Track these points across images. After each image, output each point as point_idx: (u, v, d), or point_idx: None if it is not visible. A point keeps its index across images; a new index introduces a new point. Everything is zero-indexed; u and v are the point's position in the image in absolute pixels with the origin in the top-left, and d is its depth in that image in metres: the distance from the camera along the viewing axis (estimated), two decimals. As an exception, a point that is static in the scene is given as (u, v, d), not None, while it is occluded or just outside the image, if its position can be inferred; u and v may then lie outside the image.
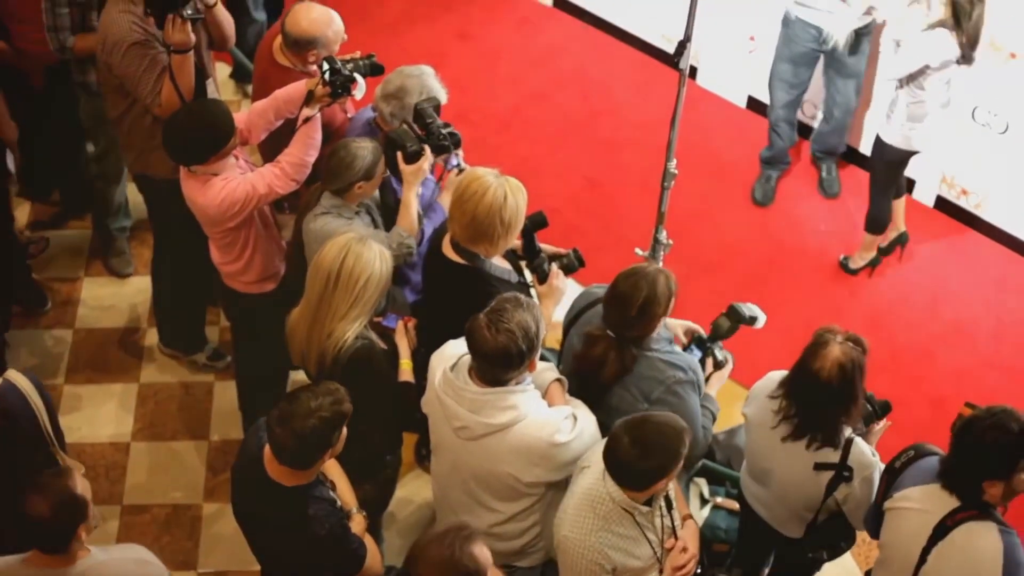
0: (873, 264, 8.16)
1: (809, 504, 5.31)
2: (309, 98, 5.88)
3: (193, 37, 6.11)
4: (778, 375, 5.33)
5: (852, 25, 7.72)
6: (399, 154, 5.86)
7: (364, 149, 5.84)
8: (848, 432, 5.15)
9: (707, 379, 5.55)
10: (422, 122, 6.00)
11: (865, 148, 8.46)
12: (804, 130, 8.69)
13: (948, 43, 6.98)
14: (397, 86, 6.16)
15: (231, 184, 5.80)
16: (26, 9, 6.95)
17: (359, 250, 5.20)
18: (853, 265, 8.17)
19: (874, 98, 8.31)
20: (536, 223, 5.73)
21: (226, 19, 6.62)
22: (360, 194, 5.91)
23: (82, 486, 4.67)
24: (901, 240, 8.14)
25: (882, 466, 5.21)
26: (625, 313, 5.09)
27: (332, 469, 5.11)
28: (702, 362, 5.56)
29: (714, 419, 5.53)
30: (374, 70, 6.01)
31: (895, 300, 7.96)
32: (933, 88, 7.20)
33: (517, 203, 5.41)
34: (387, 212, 6.19)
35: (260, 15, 8.74)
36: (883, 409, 5.42)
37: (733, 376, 5.70)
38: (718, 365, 5.61)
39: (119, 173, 7.54)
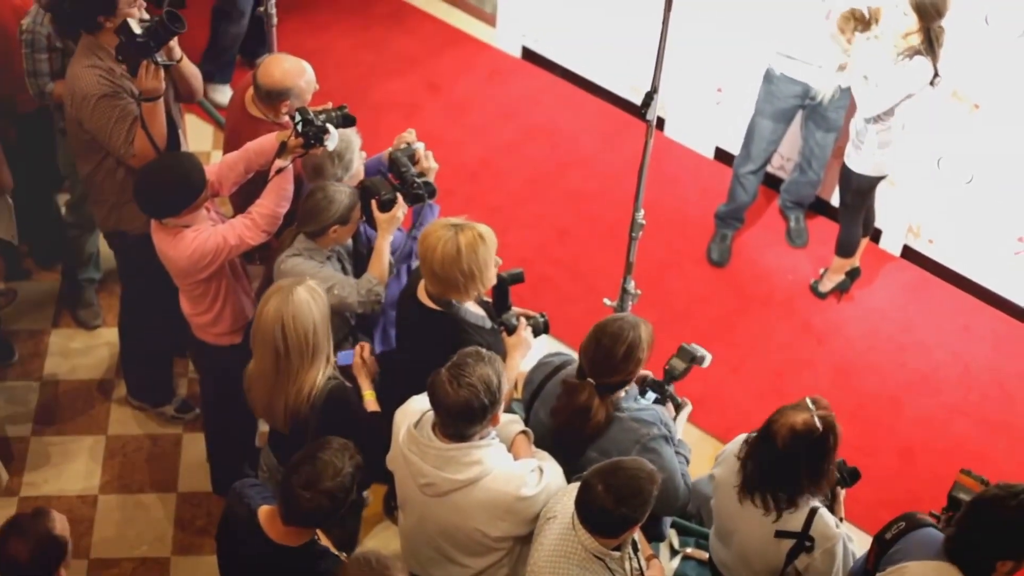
0: (842, 288, 8.24)
1: (770, 570, 5.26)
2: (281, 150, 5.89)
3: (163, 85, 6.13)
4: (745, 436, 5.33)
5: (840, 81, 7.66)
6: (373, 202, 5.88)
7: (341, 193, 5.87)
8: (813, 502, 5.11)
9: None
10: (396, 171, 6.02)
11: (831, 196, 8.52)
12: (769, 180, 8.73)
13: (927, 68, 7.04)
14: (311, 167, 6.17)
15: (202, 236, 5.80)
16: (0, 57, 6.95)
17: (291, 310, 5.21)
18: (822, 288, 8.25)
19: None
20: (513, 278, 5.81)
21: (193, 72, 6.63)
22: (335, 238, 5.93)
23: (60, 525, 4.64)
24: (853, 274, 8.24)
25: (847, 538, 5.17)
26: (611, 358, 5.11)
27: None
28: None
29: (688, 462, 5.54)
30: (346, 121, 6.02)
31: (862, 349, 8.00)
32: (901, 114, 7.27)
33: (475, 251, 5.38)
34: (358, 260, 6.21)
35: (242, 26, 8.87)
36: (852, 476, 5.39)
37: (702, 425, 5.73)
38: (678, 407, 5.62)
39: (94, 223, 7.52)
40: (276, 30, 7.37)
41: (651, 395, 5.59)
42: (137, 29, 5.89)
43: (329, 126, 5.84)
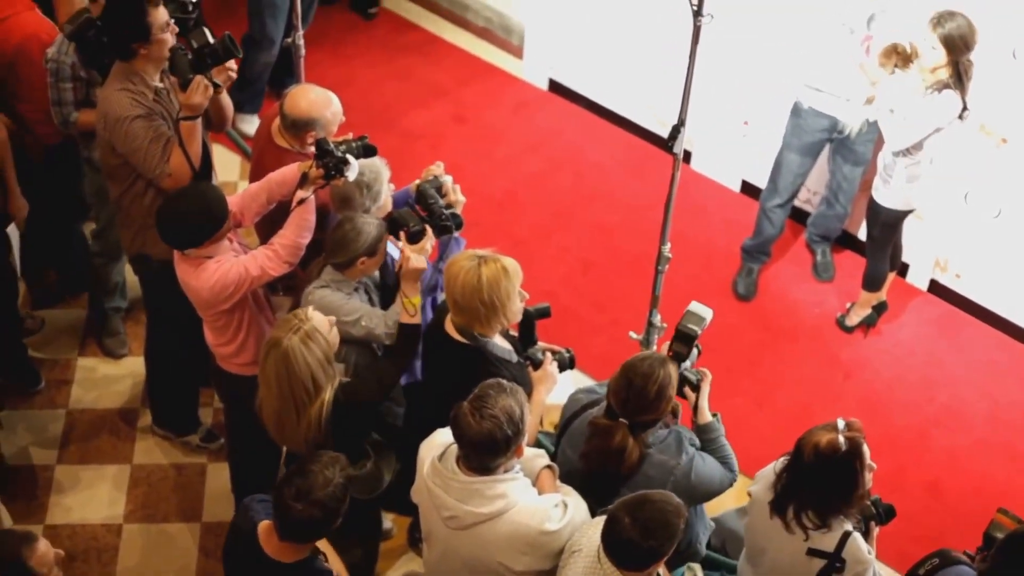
0: (868, 322, 8.20)
1: None
2: (303, 180, 5.90)
3: (206, 105, 6.18)
4: (784, 459, 5.33)
5: (868, 114, 7.63)
6: (402, 234, 5.89)
7: (369, 225, 5.87)
8: (847, 525, 5.12)
9: (695, 406, 5.54)
10: (424, 203, 6.02)
11: (858, 230, 8.49)
12: (796, 214, 8.71)
13: (955, 102, 7.03)
14: (339, 197, 6.18)
15: (224, 267, 5.81)
16: (26, 89, 7.00)
17: (286, 366, 5.27)
18: (849, 322, 8.23)
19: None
20: (540, 312, 5.82)
21: (227, 102, 6.67)
22: (362, 269, 5.92)
23: (39, 558, 4.63)
24: (879, 308, 8.22)
25: (877, 566, 5.17)
26: (644, 398, 5.11)
27: (321, 542, 5.10)
28: (679, 391, 5.48)
29: (723, 434, 5.55)
30: (367, 152, 6.02)
31: (890, 383, 7.96)
32: (930, 147, 7.25)
33: (498, 283, 5.40)
34: (386, 292, 6.21)
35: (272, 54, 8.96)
36: (887, 514, 5.38)
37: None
38: (695, 387, 5.58)
39: (120, 251, 7.54)
40: (304, 61, 7.40)
41: None
42: (211, 39, 5.95)
43: (349, 157, 5.85)
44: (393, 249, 6.12)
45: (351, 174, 5.85)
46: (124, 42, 6.23)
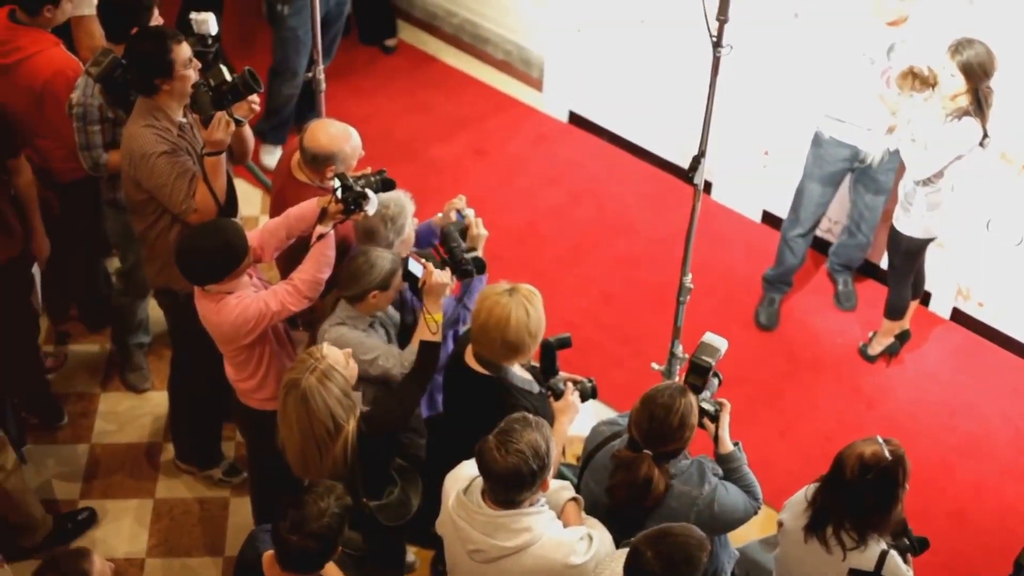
0: (891, 351, 8.18)
1: None
2: (322, 216, 5.91)
3: (228, 140, 6.22)
4: (815, 486, 5.32)
5: (889, 144, 7.63)
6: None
7: (383, 259, 5.88)
8: (882, 544, 5.14)
9: (715, 437, 5.53)
10: (447, 245, 6.03)
11: (880, 259, 8.48)
12: (817, 244, 8.70)
13: (975, 129, 7.02)
14: (363, 230, 6.19)
15: (244, 303, 5.82)
16: (44, 126, 7.04)
17: (306, 407, 5.25)
18: (871, 352, 8.21)
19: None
20: (560, 343, 5.82)
21: (249, 136, 6.71)
22: (374, 304, 5.93)
23: (99, 569, 4.67)
24: (902, 337, 8.18)
25: None
26: (666, 428, 5.12)
27: (330, 571, 5.10)
28: (699, 422, 5.48)
29: (746, 462, 5.54)
30: (386, 185, 6.03)
31: (913, 411, 7.93)
32: (950, 176, 7.24)
33: (529, 316, 5.46)
34: (404, 330, 6.22)
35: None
36: (921, 545, 5.38)
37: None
38: (714, 418, 5.56)
39: (145, 290, 7.57)
40: (324, 95, 7.44)
41: None
42: (228, 76, 5.98)
43: (368, 191, 5.85)
44: (416, 266, 6.14)
45: (370, 208, 5.86)
46: (147, 78, 6.27)
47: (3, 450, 6.55)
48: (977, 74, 6.91)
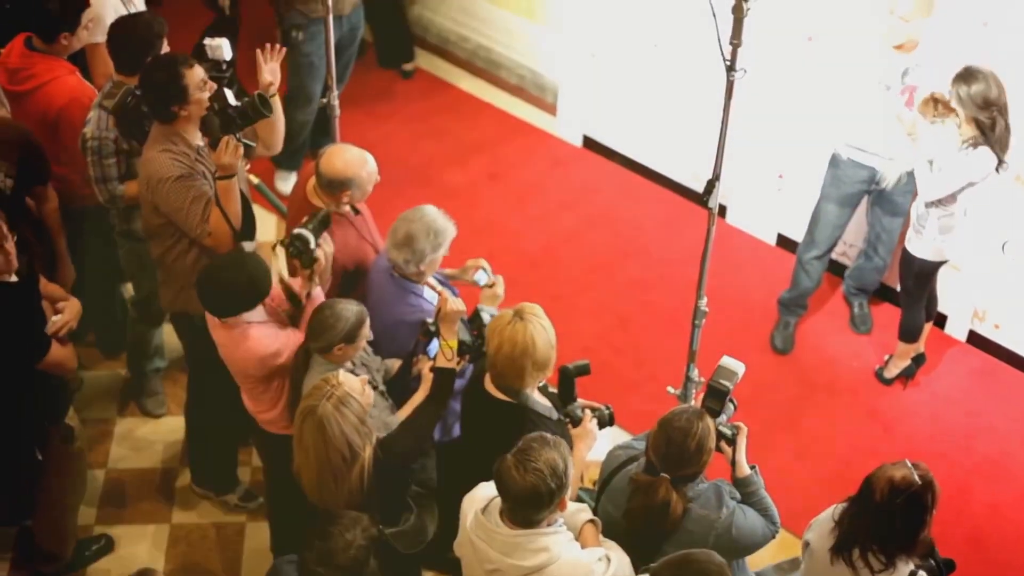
0: (907, 374, 8.17)
1: None
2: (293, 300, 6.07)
3: (239, 164, 6.25)
4: (842, 506, 5.31)
5: (907, 166, 7.60)
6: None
7: (348, 310, 5.84)
8: (910, 565, 5.12)
9: (732, 461, 5.52)
10: (478, 326, 5.97)
11: (896, 282, 8.47)
12: (832, 266, 8.69)
13: (989, 159, 7.02)
14: (404, 234, 6.19)
15: (264, 341, 5.91)
16: (61, 153, 7.04)
17: (323, 435, 5.24)
18: (887, 375, 8.20)
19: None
20: (579, 370, 5.81)
21: (280, 126, 6.82)
22: (340, 355, 5.88)
23: None
24: (918, 360, 8.17)
25: None
26: (684, 452, 5.11)
27: None
28: (716, 446, 5.48)
29: (763, 486, 5.54)
30: (323, 224, 6.16)
31: (930, 435, 7.91)
32: (963, 199, 7.24)
33: (540, 339, 5.49)
34: (400, 388, 6.23)
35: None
36: (947, 567, 5.38)
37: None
38: (731, 441, 5.55)
39: (160, 318, 7.59)
40: (339, 121, 7.46)
41: None
42: (232, 100, 6.02)
43: (319, 253, 6.01)
44: (431, 294, 6.14)
45: (321, 254, 6.02)
46: (163, 106, 6.31)
47: (78, 463, 6.63)
48: (976, 104, 6.89)
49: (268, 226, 9.10)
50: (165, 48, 6.81)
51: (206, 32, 8.74)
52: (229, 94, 6.16)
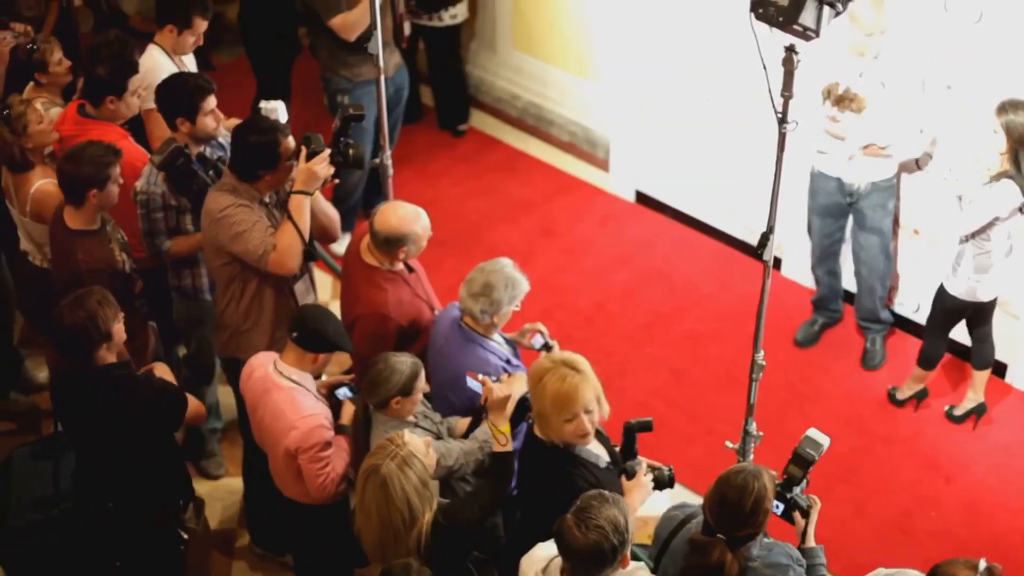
0: (919, 396, 8.17)
1: None
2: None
3: (319, 184, 6.51)
4: (884, 572, 5.23)
5: (870, 176, 7.87)
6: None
7: (403, 364, 5.90)
8: None
9: (802, 532, 5.47)
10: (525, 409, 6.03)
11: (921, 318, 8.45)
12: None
13: (1013, 192, 7.00)
14: (482, 283, 6.23)
15: (327, 469, 6.11)
16: (122, 216, 7.05)
17: (385, 493, 5.22)
18: (900, 396, 8.22)
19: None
20: (641, 426, 5.85)
21: (332, 215, 6.93)
22: (398, 409, 5.94)
23: None
24: (978, 411, 8.11)
25: None
26: (739, 512, 5.00)
27: None
28: (787, 514, 5.47)
29: (824, 568, 5.46)
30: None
31: (993, 485, 7.81)
32: (998, 238, 7.21)
33: (584, 385, 5.44)
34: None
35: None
36: None
37: (829, 567, 5.60)
38: (806, 513, 5.50)
39: (211, 375, 7.65)
40: (392, 180, 7.51)
41: (778, 505, 5.48)
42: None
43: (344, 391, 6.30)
44: (475, 384, 6.13)
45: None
46: (252, 168, 6.40)
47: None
48: (1020, 135, 6.89)
49: (323, 286, 9.13)
50: (212, 104, 6.88)
51: (258, 95, 8.87)
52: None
